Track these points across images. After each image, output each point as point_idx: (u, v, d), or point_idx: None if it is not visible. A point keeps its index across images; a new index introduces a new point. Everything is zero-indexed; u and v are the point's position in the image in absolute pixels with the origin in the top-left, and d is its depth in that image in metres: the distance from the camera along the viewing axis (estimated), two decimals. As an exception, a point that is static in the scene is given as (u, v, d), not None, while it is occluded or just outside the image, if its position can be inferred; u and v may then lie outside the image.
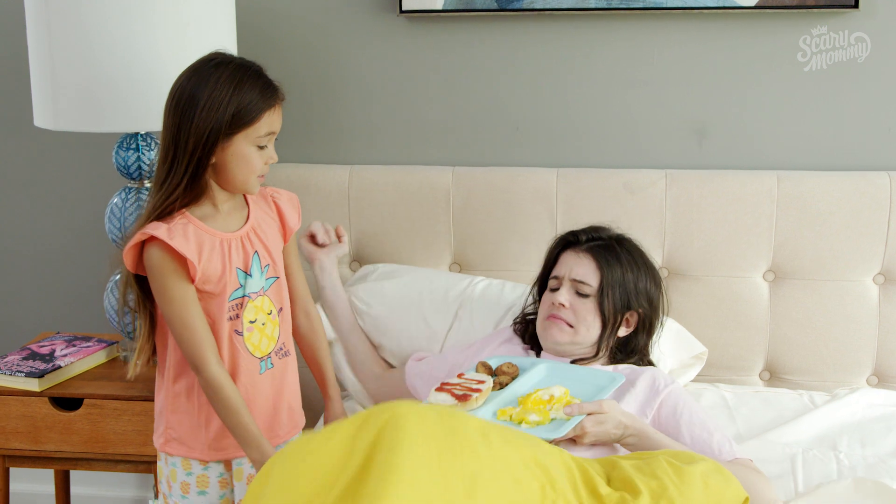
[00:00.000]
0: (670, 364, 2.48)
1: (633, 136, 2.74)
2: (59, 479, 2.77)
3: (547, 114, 2.75)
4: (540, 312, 2.30)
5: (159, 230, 2.00)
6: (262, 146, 2.06)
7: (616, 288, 2.21)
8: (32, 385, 2.44)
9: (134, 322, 2.15)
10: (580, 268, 2.23)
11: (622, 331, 2.25)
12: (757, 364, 2.66)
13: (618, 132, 2.74)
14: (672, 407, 2.13)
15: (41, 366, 2.49)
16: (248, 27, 2.71)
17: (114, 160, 2.54)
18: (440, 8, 2.69)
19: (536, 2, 2.65)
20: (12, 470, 2.76)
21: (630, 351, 2.28)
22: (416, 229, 2.71)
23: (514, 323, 2.39)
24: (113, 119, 2.37)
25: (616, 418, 2.02)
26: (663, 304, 2.31)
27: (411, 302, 2.55)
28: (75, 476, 3.02)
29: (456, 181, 2.70)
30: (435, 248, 2.72)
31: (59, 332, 2.78)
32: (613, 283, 2.21)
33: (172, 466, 2.15)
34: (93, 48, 2.32)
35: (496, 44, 2.73)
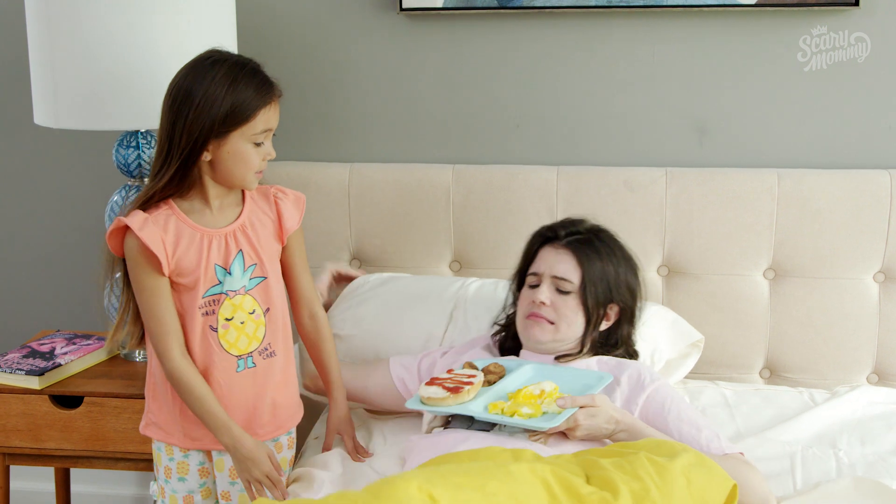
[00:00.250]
0: (667, 354, 2.48)
1: (633, 134, 2.74)
2: (60, 477, 2.77)
3: (547, 112, 2.75)
4: (519, 310, 2.28)
5: (134, 219, 2.03)
6: (258, 143, 2.06)
7: (597, 283, 2.21)
8: (33, 383, 2.44)
9: (123, 307, 2.18)
10: (561, 264, 2.22)
11: (603, 324, 2.25)
12: (757, 362, 2.66)
13: (618, 130, 2.74)
14: (660, 403, 2.13)
15: (41, 364, 2.49)
16: (248, 25, 2.71)
17: (114, 158, 2.54)
18: (440, 6, 2.69)
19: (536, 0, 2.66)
20: (12, 468, 2.76)
21: (613, 343, 2.28)
22: (416, 227, 2.71)
23: (495, 333, 2.37)
24: (113, 117, 2.37)
25: (608, 413, 2.03)
26: (642, 292, 2.31)
27: (406, 306, 2.54)
28: (75, 474, 3.02)
29: (456, 179, 2.70)
30: (435, 246, 2.72)
31: (60, 330, 2.78)
32: (595, 279, 2.20)
33: (157, 451, 2.20)
34: (93, 46, 2.32)
35: (496, 42, 2.73)
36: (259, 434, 2.15)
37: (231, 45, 2.49)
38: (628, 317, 2.28)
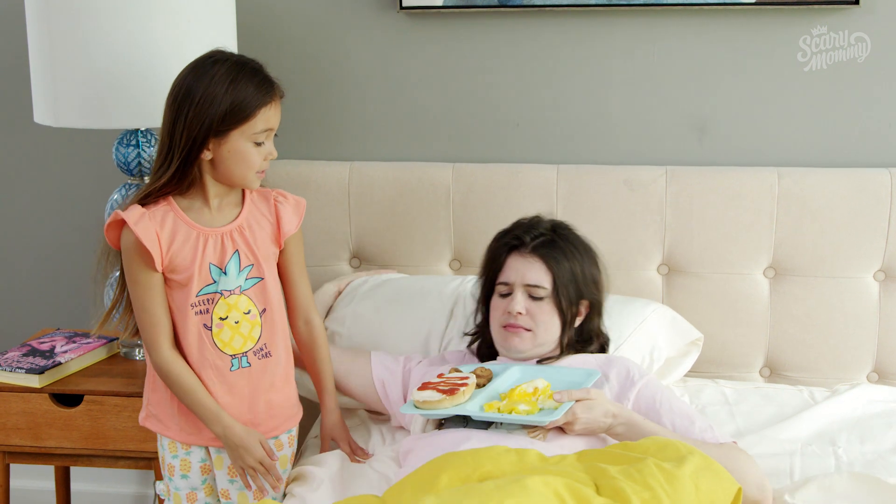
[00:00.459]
0: (666, 352, 2.48)
1: (633, 133, 2.74)
2: (60, 476, 2.77)
3: (547, 110, 2.75)
4: (494, 321, 2.27)
5: (131, 214, 2.05)
6: (259, 143, 2.06)
7: (568, 284, 2.22)
8: (33, 381, 2.44)
9: (118, 301, 2.21)
10: (531, 272, 2.22)
11: (577, 321, 2.27)
12: (757, 361, 2.66)
13: (618, 129, 2.74)
14: (651, 398, 2.14)
15: (41, 362, 2.49)
16: (248, 23, 2.70)
17: (114, 156, 2.54)
18: (440, 4, 2.69)
19: (537, -2, 2.66)
20: (13, 466, 2.76)
21: (587, 338, 2.29)
22: (416, 226, 2.71)
23: (470, 343, 2.37)
24: (113, 116, 2.37)
25: (604, 406, 2.04)
26: (605, 282, 2.32)
27: (406, 303, 2.54)
28: (76, 472, 3.02)
29: (456, 178, 2.70)
30: (435, 245, 2.72)
31: (60, 329, 2.78)
32: (565, 280, 2.22)
33: (161, 449, 2.20)
34: (93, 45, 2.32)
35: (496, 40, 2.73)
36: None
37: (231, 42, 2.49)
38: (597, 309, 2.30)
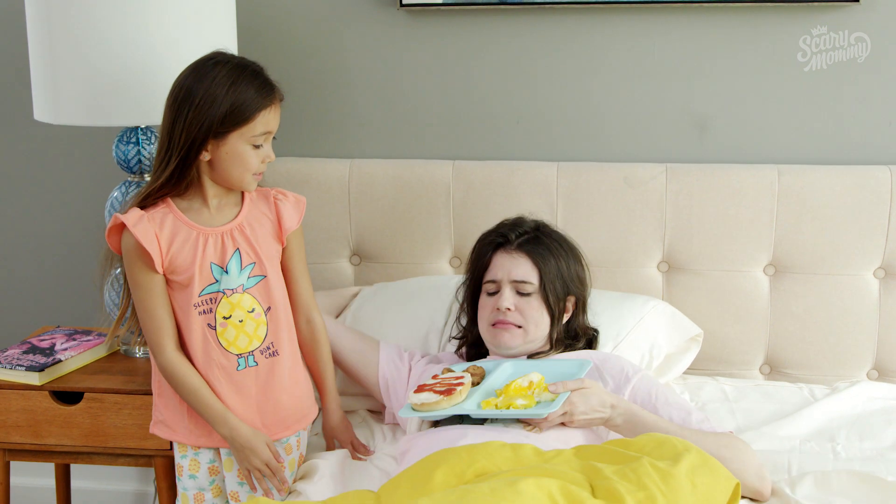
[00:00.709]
0: (666, 349, 2.48)
1: (633, 130, 2.74)
2: (60, 473, 2.77)
3: (547, 107, 2.75)
4: (482, 320, 2.28)
5: (130, 217, 2.06)
6: (257, 145, 2.06)
7: (555, 280, 2.24)
8: (33, 379, 2.44)
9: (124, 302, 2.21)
10: (518, 268, 2.24)
11: (564, 317, 2.28)
12: (757, 358, 2.66)
13: (618, 126, 2.74)
14: (646, 392, 2.15)
15: (41, 360, 2.49)
16: (248, 21, 2.70)
17: (114, 154, 2.54)
18: (440, 1, 2.68)
19: (537, -5, 2.65)
20: (13, 464, 2.76)
21: (574, 334, 2.31)
22: (417, 223, 2.71)
23: (458, 347, 2.38)
24: (113, 113, 2.37)
25: (600, 395, 2.05)
26: (589, 279, 2.35)
27: (406, 301, 2.55)
28: (76, 470, 3.02)
29: (456, 175, 2.70)
30: (435, 242, 2.72)
31: (60, 326, 2.78)
32: (552, 276, 2.24)
33: (174, 449, 2.21)
34: (93, 42, 2.31)
35: (496, 37, 2.73)
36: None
37: (231, 39, 2.49)
38: (583, 306, 2.33)
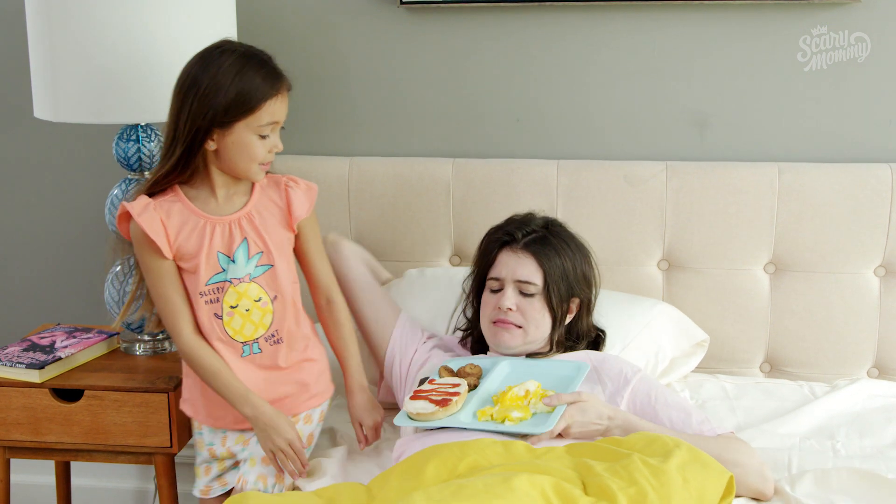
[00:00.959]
0: (670, 353, 2.48)
1: (633, 128, 2.74)
2: (60, 471, 2.77)
3: (547, 105, 2.75)
4: (484, 316, 2.28)
5: (136, 205, 2.07)
6: (264, 136, 2.06)
7: (559, 281, 2.22)
8: (33, 376, 2.44)
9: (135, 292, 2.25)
10: (522, 268, 2.22)
11: (567, 319, 2.27)
12: (757, 356, 2.66)
13: (618, 124, 2.74)
14: (646, 393, 2.15)
15: (42, 357, 2.49)
16: (248, 19, 2.70)
17: (114, 151, 2.54)
18: (441, -1, 2.69)
19: (537, -7, 2.65)
20: (13, 461, 2.76)
21: (577, 336, 2.29)
22: (417, 221, 2.71)
23: (462, 338, 2.38)
24: (113, 110, 2.37)
25: (597, 408, 2.03)
26: (597, 279, 2.32)
27: (415, 291, 2.55)
28: (76, 467, 3.02)
29: (456, 173, 2.70)
30: (435, 240, 2.72)
31: (60, 324, 2.78)
32: (556, 278, 2.21)
33: (198, 435, 2.26)
34: (93, 40, 2.31)
35: (496, 35, 2.73)
36: None
37: (230, 37, 2.48)
38: (587, 307, 2.30)
